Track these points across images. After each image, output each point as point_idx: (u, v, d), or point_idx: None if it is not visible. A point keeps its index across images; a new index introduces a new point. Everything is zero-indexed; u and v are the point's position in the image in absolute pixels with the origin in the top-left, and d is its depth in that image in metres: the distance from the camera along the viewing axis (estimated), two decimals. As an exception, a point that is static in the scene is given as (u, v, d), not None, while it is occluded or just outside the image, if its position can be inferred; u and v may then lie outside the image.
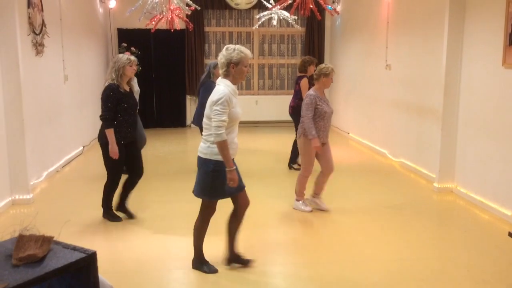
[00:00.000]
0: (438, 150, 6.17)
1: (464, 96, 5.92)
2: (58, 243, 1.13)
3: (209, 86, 6.83)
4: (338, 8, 10.66)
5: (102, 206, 5.13)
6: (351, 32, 10.34)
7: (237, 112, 3.64)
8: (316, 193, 5.43)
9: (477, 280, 3.79)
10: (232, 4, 11.09)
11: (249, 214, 3.99)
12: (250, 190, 3.99)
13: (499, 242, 4.49)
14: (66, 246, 1.10)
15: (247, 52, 3.70)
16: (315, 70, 6.77)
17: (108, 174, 5.04)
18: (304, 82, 6.85)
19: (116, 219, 5.07)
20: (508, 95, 5.10)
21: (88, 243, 4.29)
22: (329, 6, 7.95)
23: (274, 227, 5.01)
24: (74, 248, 1.10)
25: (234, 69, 3.65)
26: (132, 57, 4.85)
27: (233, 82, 3.69)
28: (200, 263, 3.94)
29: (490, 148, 5.43)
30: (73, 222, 5.04)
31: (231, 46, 3.72)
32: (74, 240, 4.41)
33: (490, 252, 4.34)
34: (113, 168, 4.97)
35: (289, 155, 7.38)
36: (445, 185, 6.15)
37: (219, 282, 3.79)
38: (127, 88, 4.89)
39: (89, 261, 1.07)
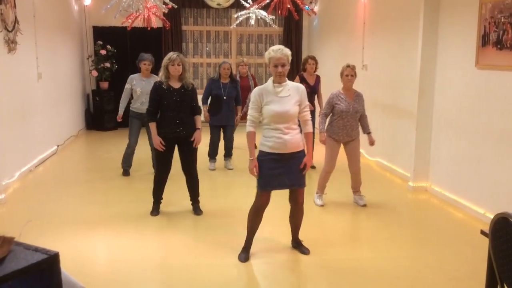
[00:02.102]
0: (413, 150, 6.25)
1: (438, 96, 6.00)
2: (19, 244, 1.10)
3: (208, 85, 7.26)
4: (316, 8, 10.71)
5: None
6: (328, 32, 10.40)
7: (270, 109, 3.85)
8: (354, 189, 5.67)
9: (450, 278, 3.85)
10: (214, 5, 11.03)
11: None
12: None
13: (472, 240, 4.56)
14: (27, 247, 1.07)
15: (273, 52, 3.86)
16: (316, 68, 7.37)
17: (156, 165, 5.34)
18: (296, 80, 7.12)
19: (153, 212, 5.21)
20: (481, 96, 5.19)
21: (59, 244, 4.23)
22: (307, 6, 7.98)
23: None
24: (36, 249, 1.07)
25: (270, 69, 3.94)
26: (174, 56, 4.85)
27: (275, 81, 3.92)
28: (242, 250, 4.14)
29: (463, 148, 5.52)
30: (44, 222, 4.96)
31: None
32: (45, 241, 4.32)
33: (463, 249, 4.42)
34: (158, 159, 5.18)
35: None
36: (419, 184, 6.24)
37: (196, 279, 3.76)
38: (176, 85, 4.95)
39: (51, 262, 1.04)
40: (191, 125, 5.06)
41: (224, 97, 7.05)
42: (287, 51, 3.89)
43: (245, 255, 4.10)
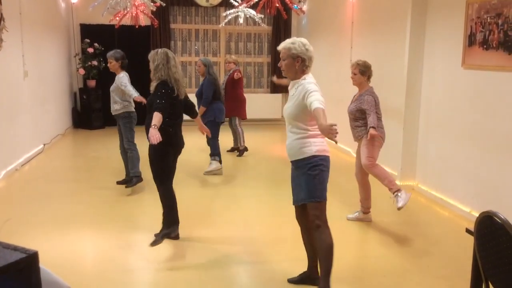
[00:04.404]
0: (400, 149, 6.29)
1: (425, 96, 6.04)
2: (-2, 243, 1.09)
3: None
4: (304, 7, 10.73)
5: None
6: (317, 31, 10.42)
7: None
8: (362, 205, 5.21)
9: (437, 276, 3.88)
10: (203, 3, 11.00)
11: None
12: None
13: (458, 238, 4.60)
14: (6, 246, 1.05)
15: None
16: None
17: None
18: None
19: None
20: (467, 95, 5.23)
21: (44, 244, 4.19)
22: (295, 6, 7.99)
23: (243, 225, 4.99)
24: (15, 248, 1.05)
25: None
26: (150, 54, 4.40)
27: None
28: None
29: (449, 147, 5.57)
30: (31, 222, 4.91)
31: None
32: (31, 240, 4.28)
33: (449, 248, 4.46)
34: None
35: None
36: (406, 182, 6.28)
37: (187, 280, 3.75)
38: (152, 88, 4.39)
39: (30, 261, 1.03)
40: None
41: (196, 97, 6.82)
42: (287, 44, 3.37)
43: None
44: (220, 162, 6.96)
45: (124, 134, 6.01)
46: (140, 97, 5.80)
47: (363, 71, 4.94)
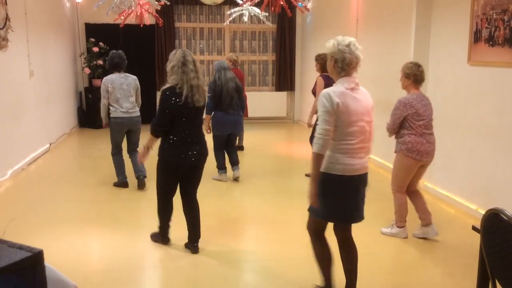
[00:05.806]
0: (406, 146, 6.25)
1: (431, 93, 6.01)
2: (3, 242, 1.09)
3: None
4: (309, 5, 10.70)
5: None
6: (321, 29, 10.40)
7: None
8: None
9: (443, 273, 3.87)
10: (207, 1, 10.99)
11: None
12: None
13: (464, 236, 4.59)
14: (11, 245, 1.06)
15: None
16: (317, 68, 6.49)
17: None
18: (318, 81, 6.38)
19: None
20: (473, 92, 5.21)
21: (51, 243, 4.21)
22: (300, 3, 7.96)
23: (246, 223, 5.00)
24: (20, 247, 1.06)
25: None
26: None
27: None
28: None
29: (455, 144, 5.54)
30: (37, 221, 4.94)
31: None
32: (37, 239, 4.30)
33: (455, 245, 4.44)
34: None
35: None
36: (412, 180, 6.24)
37: (191, 278, 3.75)
38: None
39: (35, 260, 1.03)
40: None
41: None
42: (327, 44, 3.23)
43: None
44: (225, 173, 6.57)
45: None
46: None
47: (407, 74, 4.49)
